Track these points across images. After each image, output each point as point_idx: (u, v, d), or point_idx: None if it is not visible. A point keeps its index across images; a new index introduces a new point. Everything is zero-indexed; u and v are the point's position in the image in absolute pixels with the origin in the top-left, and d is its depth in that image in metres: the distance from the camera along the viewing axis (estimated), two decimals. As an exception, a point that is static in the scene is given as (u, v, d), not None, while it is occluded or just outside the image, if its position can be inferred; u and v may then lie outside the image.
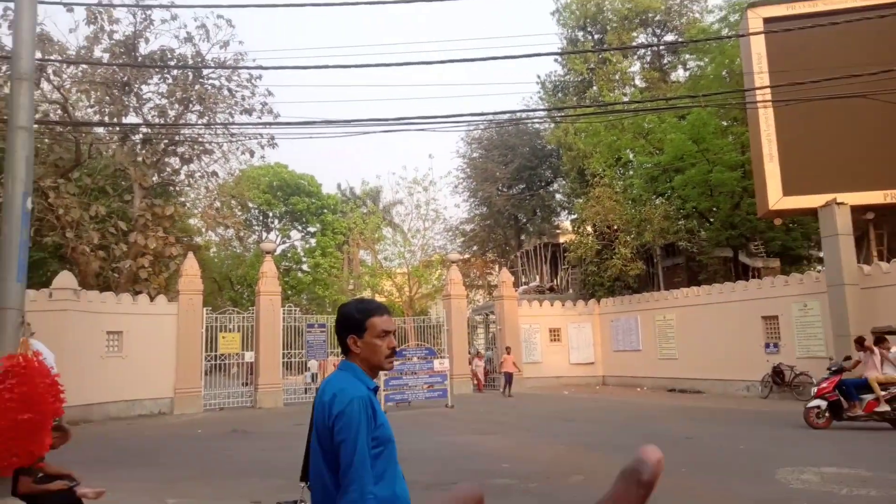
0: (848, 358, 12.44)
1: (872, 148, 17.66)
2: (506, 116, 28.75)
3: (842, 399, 11.48)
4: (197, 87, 22.86)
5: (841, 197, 17.19)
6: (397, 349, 2.40)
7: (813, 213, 18.08)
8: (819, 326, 17.76)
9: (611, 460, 9.27)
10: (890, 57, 14.94)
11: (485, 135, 37.75)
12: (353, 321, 2.33)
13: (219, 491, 7.87)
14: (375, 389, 2.35)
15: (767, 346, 19.16)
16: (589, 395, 20.78)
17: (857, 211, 17.76)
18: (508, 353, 21.18)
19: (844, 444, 10.32)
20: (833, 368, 11.94)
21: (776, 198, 18.35)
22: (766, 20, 18.60)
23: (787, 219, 21.58)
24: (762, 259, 26.20)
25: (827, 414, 11.50)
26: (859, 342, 12.13)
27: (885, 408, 11.13)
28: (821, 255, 20.84)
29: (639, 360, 23.52)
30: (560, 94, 33.74)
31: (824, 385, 11.63)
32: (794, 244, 25.61)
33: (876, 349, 11.70)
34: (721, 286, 21.45)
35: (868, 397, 11.29)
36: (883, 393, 11.20)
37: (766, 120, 18.41)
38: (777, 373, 18.09)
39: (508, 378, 20.47)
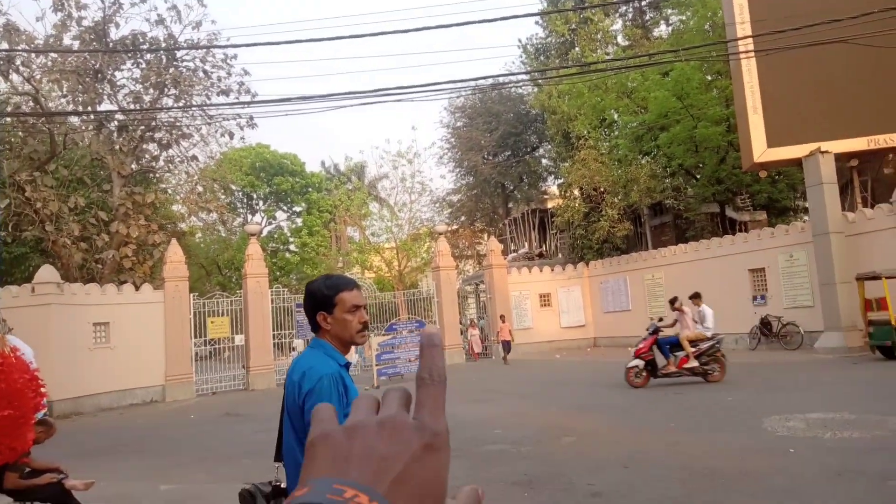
0: (661, 319, 12.96)
1: (854, 94, 17.55)
2: (488, 83, 28.40)
3: (657, 358, 12.03)
4: (171, 70, 22.38)
5: (825, 145, 17.13)
6: (369, 323, 2.36)
7: (797, 163, 18.01)
8: (805, 276, 17.88)
9: (601, 420, 9.36)
10: (870, 0, 14.71)
11: (468, 103, 37.35)
12: (322, 297, 2.29)
13: (212, 475, 7.89)
14: (347, 366, 2.32)
15: (755, 298, 19.32)
16: (580, 357, 20.95)
17: (841, 159, 17.74)
18: (504, 321, 21.25)
19: (831, 387, 10.45)
20: (650, 330, 12.37)
21: (761, 150, 18.27)
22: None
23: (773, 170, 21.56)
24: (749, 212, 26.28)
25: (644, 373, 12.00)
26: (672, 302, 12.72)
27: (693, 363, 11.81)
28: (806, 205, 20.87)
29: (629, 320, 23.65)
30: (542, 57, 33.30)
31: (641, 346, 12.11)
32: (779, 196, 25.64)
33: (687, 308, 12.37)
34: (708, 242, 21.52)
35: (681, 354, 11.88)
36: (692, 349, 11.82)
37: (749, 71, 18.22)
38: (765, 324, 18.30)
39: (506, 345, 20.56)
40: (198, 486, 7.42)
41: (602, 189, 26.64)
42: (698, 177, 25.61)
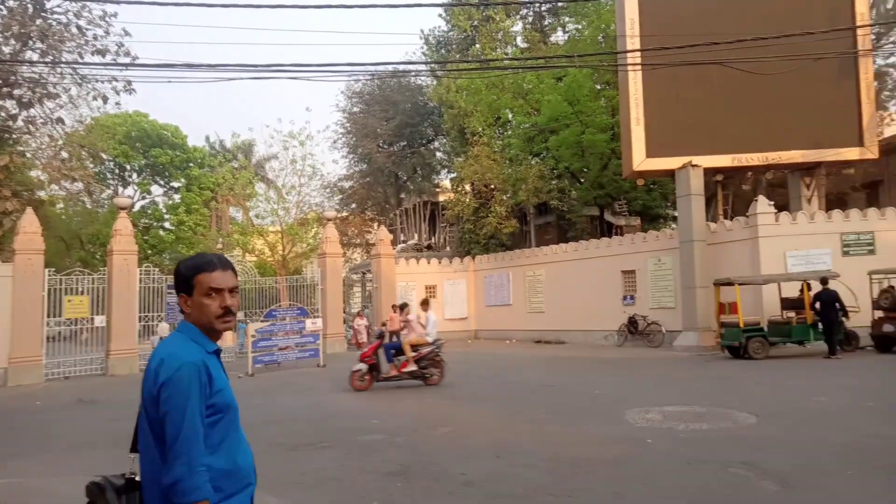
0: (385, 324, 13.41)
1: (725, 114, 18.95)
2: (388, 70, 28.09)
3: (381, 362, 12.27)
4: (38, 21, 20.08)
5: (696, 160, 18.46)
6: (233, 308, 2.13)
7: (671, 174, 19.28)
8: (670, 279, 19.26)
9: (477, 410, 9.51)
10: (745, 28, 15.94)
11: (366, 89, 36.80)
12: (181, 279, 2.09)
13: (55, 467, 7.16)
14: (217, 352, 2.13)
15: (625, 298, 20.57)
16: (461, 349, 21.30)
17: (709, 173, 19.19)
18: (395, 312, 21.09)
19: (685, 382, 11.30)
20: (376, 334, 12.76)
21: (640, 159, 19.33)
22: (642, -15, 19.07)
23: (649, 179, 22.94)
24: (625, 217, 27.88)
25: (367, 376, 12.09)
26: (401, 308, 13.18)
27: (413, 367, 12.11)
28: (675, 213, 22.43)
29: (509, 314, 24.43)
30: (443, 50, 33.50)
31: (366, 350, 12.53)
32: (653, 203, 27.42)
33: (412, 315, 12.73)
34: (587, 243, 22.64)
35: (403, 358, 12.20)
36: (413, 354, 12.10)
37: (636, 84, 19.20)
38: (632, 322, 19.55)
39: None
40: (38, 479, 6.70)
41: (492, 186, 27.22)
42: (582, 180, 26.83)
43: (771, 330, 14.98)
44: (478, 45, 30.47)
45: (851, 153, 18.93)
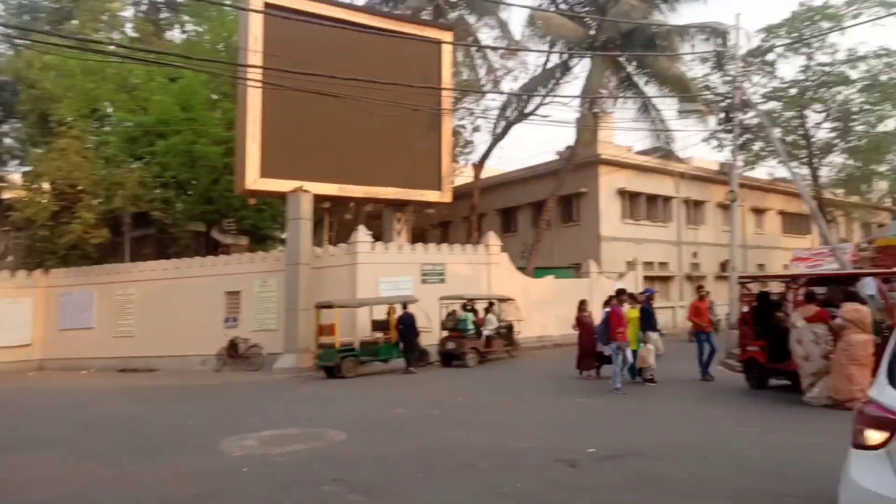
0: None
1: (336, 145, 20.15)
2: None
3: None
4: None
5: (307, 185, 19.19)
6: None
7: (283, 196, 19.60)
8: (275, 301, 19.42)
9: (36, 459, 7.73)
10: (359, 70, 17.15)
11: None
12: None
13: None
14: None
15: (228, 320, 19.92)
16: (17, 384, 17.46)
17: (319, 199, 20.12)
18: None
19: (282, 405, 11.38)
20: None
21: (253, 178, 19.10)
22: (268, 5, 18.93)
23: (260, 199, 22.83)
24: (233, 236, 27.18)
25: None
26: None
27: None
28: (284, 235, 22.86)
29: (90, 340, 21.18)
30: (28, 17, 27.75)
31: None
32: (263, 224, 27.43)
33: None
34: (190, 261, 21.29)
35: None
36: None
37: (255, 101, 18.95)
38: (232, 346, 18.96)
39: None
40: None
41: (80, 188, 23.36)
42: (190, 193, 25.21)
43: (362, 350, 16.32)
44: (76, 22, 26.16)
45: (432, 196, 22.36)
